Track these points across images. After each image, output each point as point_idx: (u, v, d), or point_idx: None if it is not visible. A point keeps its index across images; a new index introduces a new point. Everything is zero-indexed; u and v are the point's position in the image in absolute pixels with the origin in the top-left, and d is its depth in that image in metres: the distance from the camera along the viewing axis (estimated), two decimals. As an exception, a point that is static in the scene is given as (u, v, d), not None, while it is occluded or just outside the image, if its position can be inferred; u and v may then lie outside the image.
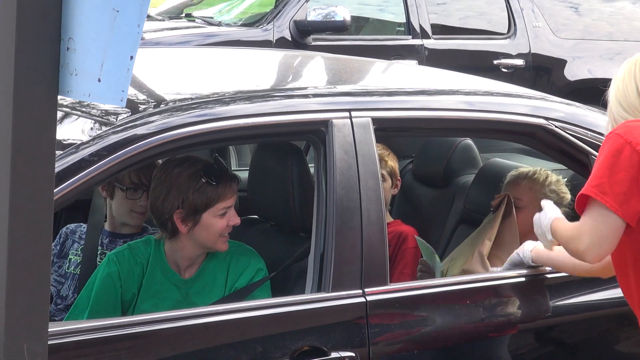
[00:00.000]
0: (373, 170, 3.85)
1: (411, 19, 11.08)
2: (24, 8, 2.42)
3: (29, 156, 2.48)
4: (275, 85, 4.57)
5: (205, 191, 3.95)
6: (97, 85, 2.42)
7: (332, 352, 3.63)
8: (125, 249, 4.13)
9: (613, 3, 12.16)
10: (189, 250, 4.06)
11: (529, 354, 4.10)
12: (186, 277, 4.08)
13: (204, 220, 3.97)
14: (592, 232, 3.40)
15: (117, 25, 2.40)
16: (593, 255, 3.41)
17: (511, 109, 4.30)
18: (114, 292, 4.03)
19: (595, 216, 3.41)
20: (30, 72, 2.44)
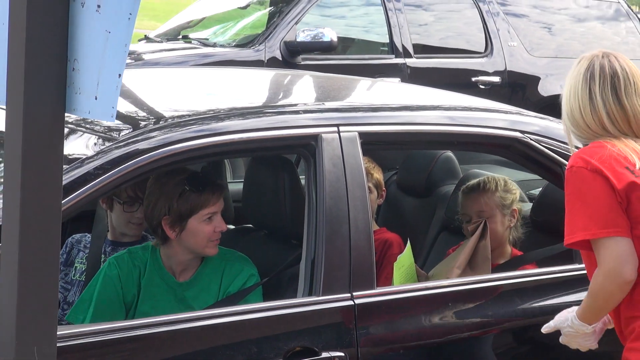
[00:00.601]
0: (360, 181, 3.86)
1: (394, 39, 11.09)
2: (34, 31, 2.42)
3: (38, 170, 2.48)
4: (267, 102, 4.57)
5: (189, 198, 3.97)
6: (95, 103, 2.43)
7: (323, 352, 3.63)
8: (124, 253, 4.16)
9: (584, 23, 12.18)
10: (181, 255, 4.07)
11: (509, 352, 4.11)
12: (181, 280, 4.09)
13: (190, 226, 3.98)
14: (616, 262, 3.37)
15: (109, 45, 2.40)
16: (630, 272, 3.37)
17: (489, 123, 4.30)
18: (115, 293, 4.04)
19: (606, 250, 3.39)
20: (39, 92, 2.45)
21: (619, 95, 3.53)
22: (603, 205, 3.39)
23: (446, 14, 11.53)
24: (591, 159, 3.42)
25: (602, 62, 3.57)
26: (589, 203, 3.41)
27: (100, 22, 2.40)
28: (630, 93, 3.54)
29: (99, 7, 2.39)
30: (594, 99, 3.53)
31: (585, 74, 3.56)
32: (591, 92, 3.53)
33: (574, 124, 3.58)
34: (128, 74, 5.29)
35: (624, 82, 3.54)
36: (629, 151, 3.46)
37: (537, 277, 4.15)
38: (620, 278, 3.38)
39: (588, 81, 3.55)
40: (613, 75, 3.54)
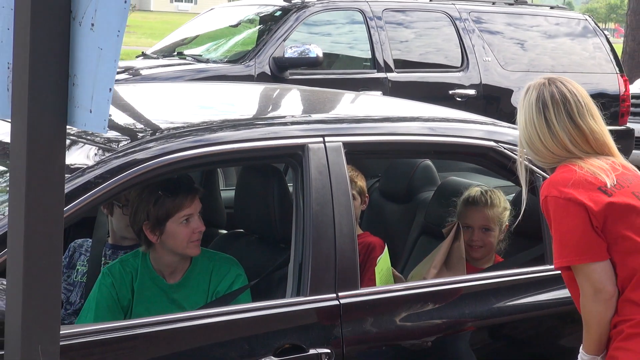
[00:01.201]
0: (344, 188, 3.87)
1: (376, 55, 11.11)
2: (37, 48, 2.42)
3: (42, 179, 2.48)
4: (257, 115, 4.58)
5: (164, 203, 3.97)
6: (89, 116, 2.43)
7: (310, 349, 3.63)
8: (116, 263, 4.17)
9: (554, 39, 12.22)
10: (166, 257, 4.08)
11: (485, 348, 4.11)
12: (171, 282, 4.09)
13: (169, 229, 3.98)
14: (595, 285, 3.41)
15: (101, 61, 2.41)
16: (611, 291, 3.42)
17: (466, 134, 4.32)
18: (111, 300, 4.04)
19: (585, 277, 3.43)
20: (43, 106, 2.45)
21: (573, 118, 3.53)
22: (578, 233, 3.41)
23: (425, 31, 11.55)
24: (564, 187, 3.42)
25: (550, 89, 3.59)
26: (563, 232, 3.43)
27: (94, 39, 2.40)
28: (584, 114, 3.55)
29: (93, 26, 2.39)
30: (552, 126, 3.53)
31: (537, 103, 3.57)
32: (547, 121, 3.54)
33: (536, 151, 3.58)
34: (127, 89, 5.31)
35: (576, 105, 3.55)
36: (596, 171, 3.46)
37: (511, 277, 4.16)
38: (603, 296, 3.43)
39: (542, 110, 3.55)
40: (564, 101, 3.55)
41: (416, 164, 5.37)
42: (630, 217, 3.45)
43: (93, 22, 2.39)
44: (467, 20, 11.65)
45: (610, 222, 3.42)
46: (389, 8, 11.44)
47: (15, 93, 2.51)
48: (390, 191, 5.50)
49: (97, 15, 2.38)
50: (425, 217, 5.05)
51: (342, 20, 11.44)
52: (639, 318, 3.44)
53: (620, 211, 3.43)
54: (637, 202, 3.47)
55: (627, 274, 3.45)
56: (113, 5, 2.36)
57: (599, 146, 3.56)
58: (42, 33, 2.43)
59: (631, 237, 3.44)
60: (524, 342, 4.19)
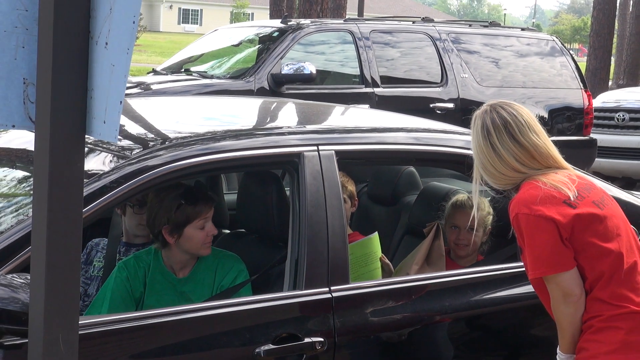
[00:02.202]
0: (336, 192, 3.86)
1: (364, 72, 11.13)
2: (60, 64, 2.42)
3: (62, 184, 2.47)
4: (257, 126, 4.57)
5: (185, 210, 3.97)
6: (103, 126, 2.43)
7: (306, 338, 3.63)
8: (131, 258, 4.17)
9: (525, 58, 12.26)
10: (179, 256, 4.08)
11: (463, 337, 4.11)
12: (180, 276, 4.09)
13: (186, 233, 3.99)
14: (565, 291, 3.43)
15: (113, 77, 2.40)
16: (578, 294, 3.44)
17: (445, 143, 4.32)
18: (125, 292, 4.05)
19: (555, 285, 3.44)
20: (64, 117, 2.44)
21: (516, 138, 3.51)
22: (549, 247, 3.41)
23: (408, 50, 11.58)
24: (533, 205, 3.41)
25: (491, 116, 3.56)
26: (535, 246, 3.43)
27: (108, 56, 2.40)
28: (525, 132, 3.53)
29: (107, 44, 2.39)
30: (497, 150, 3.52)
31: (482, 131, 3.55)
32: (493, 146, 3.52)
33: (490, 175, 3.57)
34: (139, 102, 5.31)
35: (516, 125, 3.53)
36: (558, 185, 3.45)
37: (487, 273, 4.16)
38: (572, 299, 3.44)
39: (487, 137, 3.54)
40: (505, 124, 3.53)
41: (400, 170, 5.37)
42: (594, 225, 3.45)
43: (107, 41, 2.38)
44: (447, 41, 11.68)
45: (577, 232, 3.42)
46: (376, 29, 11.47)
47: (39, 106, 2.50)
48: (377, 195, 5.50)
49: (110, 34, 2.38)
50: (409, 219, 5.05)
51: (334, 40, 11.46)
52: (607, 314, 3.45)
53: (585, 221, 3.43)
54: (598, 211, 3.48)
55: (596, 276, 3.46)
56: (123, 25, 2.36)
57: (544, 159, 3.54)
58: (63, 52, 2.43)
59: (597, 243, 3.44)
60: (500, 332, 4.18)
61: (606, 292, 3.46)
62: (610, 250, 3.45)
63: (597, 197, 3.54)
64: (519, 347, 4.19)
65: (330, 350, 3.67)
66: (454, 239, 4.65)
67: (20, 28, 2.55)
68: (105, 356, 3.36)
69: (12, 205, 3.62)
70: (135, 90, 10.12)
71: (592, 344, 3.47)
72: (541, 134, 3.56)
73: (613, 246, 3.46)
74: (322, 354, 3.65)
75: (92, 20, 2.42)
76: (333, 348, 3.68)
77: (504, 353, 4.18)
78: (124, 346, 3.40)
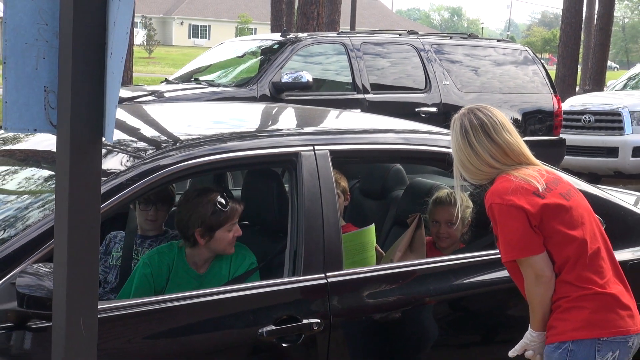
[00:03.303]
0: (330, 188, 3.85)
1: (356, 80, 11.13)
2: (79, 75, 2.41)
3: (82, 181, 2.47)
4: (259, 128, 4.56)
5: (219, 214, 3.93)
6: (107, 129, 2.43)
7: (304, 319, 3.62)
8: (155, 254, 4.10)
9: (502, 67, 12.29)
10: (205, 255, 4.03)
11: (446, 317, 4.10)
12: (201, 272, 4.05)
13: (217, 235, 3.94)
14: (536, 273, 3.46)
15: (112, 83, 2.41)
16: (549, 276, 3.46)
17: (430, 143, 4.31)
18: (148, 287, 4.01)
19: (528, 267, 3.47)
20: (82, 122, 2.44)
21: (491, 136, 3.55)
22: (519, 233, 3.43)
23: (395, 60, 11.59)
24: (505, 195, 3.44)
25: (469, 118, 3.60)
26: (508, 232, 3.45)
27: (111, 65, 2.40)
28: (499, 131, 3.57)
29: (111, 54, 2.39)
30: (474, 147, 3.55)
31: (460, 131, 3.59)
32: (470, 144, 3.55)
33: (468, 171, 3.60)
34: (153, 108, 5.29)
35: (492, 125, 3.56)
36: (528, 178, 3.48)
37: (467, 260, 4.15)
38: (542, 280, 3.46)
39: (465, 136, 3.57)
40: (481, 124, 3.56)
41: (389, 167, 5.36)
42: (560, 214, 3.48)
43: (111, 51, 2.38)
44: (430, 51, 11.69)
45: (545, 220, 3.45)
46: (367, 41, 11.49)
47: (60, 111, 2.49)
48: (368, 190, 5.49)
49: (113, 45, 2.37)
50: (396, 211, 5.04)
51: (329, 51, 11.47)
52: (574, 295, 3.49)
53: (552, 210, 3.46)
54: (565, 201, 3.51)
55: (562, 260, 3.49)
56: (121, 36, 2.36)
57: (516, 156, 3.57)
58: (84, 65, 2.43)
59: (562, 230, 3.47)
60: (479, 312, 4.17)
61: (572, 275, 3.49)
62: (574, 237, 3.48)
63: (564, 189, 3.57)
64: (496, 326, 4.18)
65: (326, 330, 3.66)
66: (435, 232, 4.64)
67: (41, 41, 2.55)
68: (125, 336, 3.35)
69: (38, 201, 3.60)
70: (150, 98, 10.12)
71: (560, 322, 3.49)
72: (514, 133, 3.60)
73: (577, 234, 3.49)
74: (318, 334, 3.64)
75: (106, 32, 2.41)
76: (329, 328, 3.67)
77: (483, 331, 4.17)
78: (142, 327, 3.39)
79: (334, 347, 3.70)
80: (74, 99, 2.43)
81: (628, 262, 4.24)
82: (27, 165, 4.07)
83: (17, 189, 3.87)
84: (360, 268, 4.05)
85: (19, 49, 2.54)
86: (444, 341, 4.05)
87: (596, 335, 3.47)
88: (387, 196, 5.35)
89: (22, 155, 4.19)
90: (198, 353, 3.46)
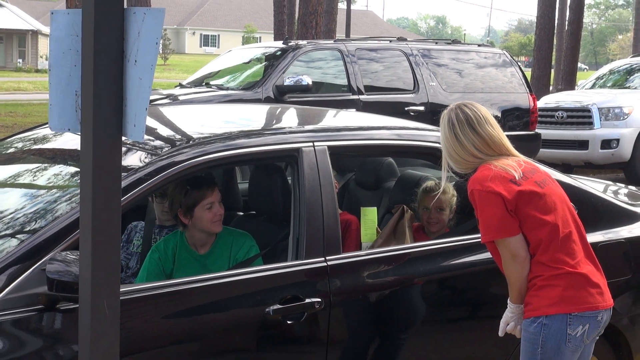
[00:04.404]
0: (329, 180, 3.85)
1: (351, 82, 11.13)
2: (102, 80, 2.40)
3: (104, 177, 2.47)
4: (264, 127, 4.54)
5: (191, 195, 3.98)
6: (134, 129, 2.44)
7: (306, 298, 3.61)
8: (161, 242, 4.16)
9: (483, 69, 12.30)
10: (197, 234, 4.05)
11: (435, 295, 4.09)
12: (202, 253, 4.07)
13: (197, 214, 3.99)
14: (512, 253, 3.47)
15: (141, 88, 2.41)
16: (523, 256, 3.48)
17: (418, 138, 4.30)
18: (158, 269, 4.04)
19: (504, 247, 3.49)
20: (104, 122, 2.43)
21: (475, 129, 3.58)
22: (497, 217, 3.45)
23: (387, 64, 11.59)
24: (485, 182, 3.45)
25: (456, 112, 3.63)
26: (487, 216, 3.47)
27: (136, 71, 2.40)
28: (483, 124, 3.59)
29: (136, 62, 2.39)
30: (460, 139, 3.58)
31: (448, 124, 3.62)
32: (456, 136, 3.58)
33: (454, 161, 3.63)
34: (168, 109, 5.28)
35: (476, 119, 3.59)
36: (506, 167, 3.50)
37: (453, 243, 4.14)
38: (518, 260, 3.48)
39: (452, 129, 3.60)
40: (467, 118, 3.59)
41: (382, 161, 5.36)
42: (534, 200, 3.49)
43: (136, 59, 2.38)
44: (418, 56, 11.69)
45: (520, 206, 3.47)
46: (360, 48, 11.50)
47: (84, 113, 2.49)
48: (363, 181, 5.49)
49: (138, 53, 2.37)
50: (389, 201, 5.04)
51: (326, 57, 11.46)
52: (547, 274, 3.51)
53: (527, 197, 3.47)
54: (539, 189, 3.52)
55: (536, 242, 3.50)
56: (148, 45, 2.37)
57: (497, 147, 3.59)
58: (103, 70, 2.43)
59: (536, 215, 3.48)
60: (464, 290, 4.17)
61: (546, 256, 3.50)
62: (547, 221, 3.49)
63: (540, 178, 3.58)
64: (479, 302, 4.17)
65: (326, 308, 3.65)
66: (426, 218, 4.63)
67: (73, 50, 2.57)
68: (145, 316, 3.34)
69: (66, 195, 3.59)
70: (166, 101, 10.13)
71: (535, 299, 3.52)
72: (496, 126, 3.62)
73: (550, 218, 3.50)
74: (320, 312, 3.64)
75: (125, 42, 2.41)
76: (329, 306, 3.66)
77: (467, 307, 4.16)
78: (159, 307, 3.38)
79: (334, 323, 3.69)
80: (95, 102, 2.42)
81: (598, 243, 4.24)
82: (55, 163, 4.07)
83: (47, 184, 3.86)
84: (357, 252, 4.04)
85: (59, 57, 2.61)
86: (433, 317, 4.05)
87: (568, 311, 3.48)
88: (380, 187, 5.34)
89: (50, 154, 4.19)
90: (211, 330, 3.45)
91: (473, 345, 4.09)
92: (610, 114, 13.96)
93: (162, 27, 2.35)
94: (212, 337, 3.45)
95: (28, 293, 3.09)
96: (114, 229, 2.48)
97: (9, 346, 3.03)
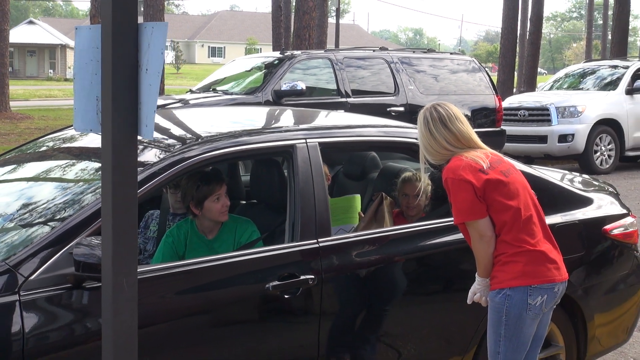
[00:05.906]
0: (320, 172, 3.84)
1: (340, 87, 11.14)
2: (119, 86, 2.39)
3: (123, 171, 2.46)
4: (264, 126, 4.53)
5: (202, 189, 3.96)
6: (146, 129, 2.44)
7: (301, 275, 3.61)
8: (174, 228, 4.14)
9: (456, 74, 12.35)
10: (206, 223, 4.04)
11: (413, 272, 4.09)
12: (210, 238, 4.05)
13: (206, 206, 3.97)
14: (480, 233, 3.49)
15: (151, 93, 2.42)
16: (490, 236, 3.49)
17: (400, 135, 4.30)
18: (172, 252, 4.02)
19: (473, 228, 3.50)
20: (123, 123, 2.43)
21: (447, 125, 3.58)
22: (467, 202, 3.46)
23: (371, 71, 11.61)
24: (457, 171, 3.46)
25: (430, 111, 3.64)
26: (458, 201, 3.48)
27: (147, 79, 2.40)
28: (453, 121, 3.60)
29: (147, 70, 2.39)
30: (433, 134, 3.59)
31: (424, 122, 3.63)
32: (431, 132, 3.59)
33: (429, 153, 3.64)
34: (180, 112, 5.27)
35: (448, 117, 3.60)
36: (475, 158, 3.52)
37: (429, 226, 4.14)
38: (485, 239, 3.50)
39: (427, 126, 3.61)
40: (440, 116, 3.60)
41: (367, 155, 5.35)
42: (500, 187, 3.50)
43: (147, 68, 2.38)
44: (398, 63, 11.71)
45: (488, 192, 3.47)
46: (348, 56, 11.52)
47: (104, 115, 2.48)
48: (350, 173, 5.48)
49: (149, 62, 2.37)
50: (372, 190, 5.02)
51: (319, 65, 11.47)
52: (511, 252, 3.53)
53: (493, 184, 3.49)
54: (504, 178, 3.54)
55: (501, 224, 3.51)
56: (156, 55, 2.37)
57: (466, 141, 3.60)
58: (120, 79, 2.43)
59: (501, 200, 3.50)
60: (439, 267, 4.17)
61: (509, 236, 3.51)
62: (510, 206, 3.50)
63: (505, 168, 3.59)
64: (452, 277, 4.17)
65: (319, 284, 3.65)
66: (405, 204, 4.62)
67: (94, 61, 2.57)
68: (159, 292, 3.34)
69: (91, 187, 3.58)
70: (178, 105, 10.11)
71: (500, 273, 3.53)
72: (465, 123, 3.62)
73: (513, 203, 3.51)
74: (313, 287, 3.63)
75: (139, 53, 2.41)
76: (321, 282, 3.66)
77: (442, 282, 4.16)
78: (171, 285, 3.38)
79: (326, 297, 3.69)
80: (114, 106, 2.42)
81: (556, 225, 4.24)
82: (82, 159, 4.06)
83: (74, 177, 3.85)
84: (345, 235, 4.04)
85: (82, 67, 2.62)
86: (413, 290, 4.05)
87: (528, 283, 3.50)
88: (365, 178, 5.33)
89: (77, 152, 4.18)
90: (218, 304, 3.45)
91: (448, 313, 4.09)
92: (566, 112, 13.99)
93: (166, 38, 2.36)
94: (219, 310, 3.44)
95: (58, 274, 3.09)
96: (131, 217, 2.48)
97: (43, 319, 3.04)
